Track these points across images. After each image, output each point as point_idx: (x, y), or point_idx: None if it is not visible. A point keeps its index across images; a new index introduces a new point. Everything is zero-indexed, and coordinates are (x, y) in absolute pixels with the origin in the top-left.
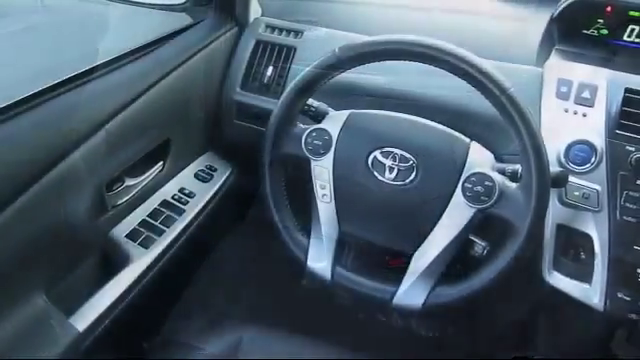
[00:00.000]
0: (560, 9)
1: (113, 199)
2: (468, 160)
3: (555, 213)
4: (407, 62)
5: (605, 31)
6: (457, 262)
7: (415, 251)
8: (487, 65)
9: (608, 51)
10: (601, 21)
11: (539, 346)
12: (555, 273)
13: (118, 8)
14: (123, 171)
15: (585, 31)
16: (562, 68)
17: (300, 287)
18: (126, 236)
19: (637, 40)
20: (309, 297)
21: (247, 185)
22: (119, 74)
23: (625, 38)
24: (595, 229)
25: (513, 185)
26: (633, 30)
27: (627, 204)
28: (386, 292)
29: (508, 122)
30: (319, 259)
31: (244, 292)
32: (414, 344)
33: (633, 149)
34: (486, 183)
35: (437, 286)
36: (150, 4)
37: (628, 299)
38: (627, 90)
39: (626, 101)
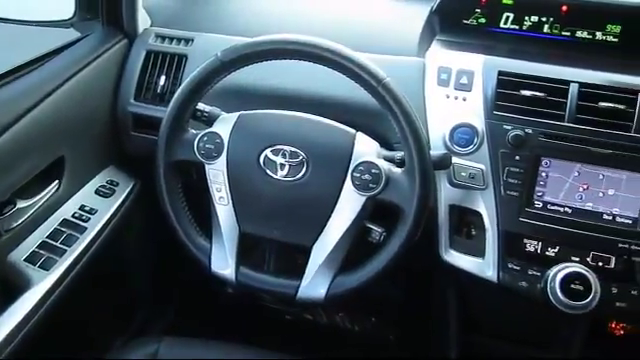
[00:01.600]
0: (438, 1)
1: (6, 223)
2: (354, 150)
3: (446, 194)
4: (297, 61)
5: (483, 20)
6: (357, 250)
7: (314, 244)
8: (362, 58)
9: (487, 38)
10: (479, 11)
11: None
12: (451, 251)
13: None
14: (13, 193)
15: (465, 21)
16: (442, 57)
17: (225, 294)
18: (25, 260)
19: (512, 26)
20: (234, 303)
21: (152, 196)
22: (2, 92)
23: (501, 25)
24: (484, 206)
25: (399, 171)
26: (508, 17)
27: (509, 179)
28: (290, 287)
29: (387, 110)
30: (223, 262)
31: (162, 303)
32: (342, 340)
33: (510, 127)
34: (373, 171)
35: (338, 276)
36: (36, 21)
37: (518, 268)
38: (500, 73)
39: (500, 83)
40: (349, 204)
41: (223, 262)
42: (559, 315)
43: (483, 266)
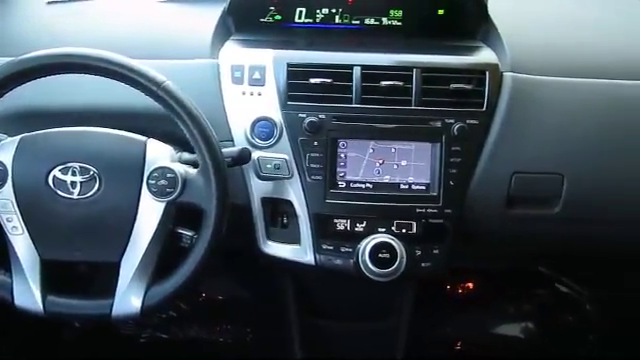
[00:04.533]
0: (230, 2)
1: None
2: (147, 158)
3: (257, 188)
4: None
5: (278, 17)
6: (170, 257)
7: (121, 258)
8: (138, 64)
9: (285, 34)
10: (272, 8)
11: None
12: (269, 242)
13: None
14: None
15: (262, 19)
16: (234, 55)
17: (71, 327)
18: None
19: (306, 20)
20: (82, 335)
21: None
22: None
23: (296, 20)
24: (293, 194)
25: (194, 172)
26: (301, 12)
27: (311, 165)
28: (104, 307)
29: (172, 113)
30: (27, 294)
31: None
32: (201, 353)
33: (305, 115)
34: (168, 175)
35: (151, 286)
36: None
37: (331, 248)
38: (289, 65)
39: (290, 75)
40: (150, 212)
41: (27, 294)
42: (375, 284)
43: (300, 252)
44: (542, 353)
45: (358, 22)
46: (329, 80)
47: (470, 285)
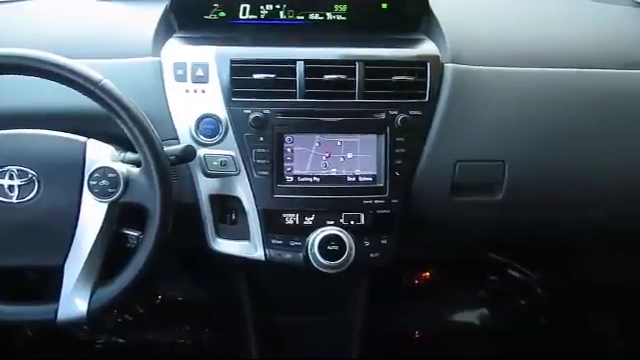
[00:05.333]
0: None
1: None
2: (87, 158)
3: (204, 185)
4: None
5: (223, 13)
6: (116, 259)
7: (65, 262)
8: (74, 63)
9: (230, 31)
10: (217, 5)
11: None
12: (218, 239)
13: None
14: None
15: (206, 16)
16: (176, 53)
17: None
18: None
19: (251, 17)
20: (35, 344)
21: None
22: None
23: (241, 16)
24: (241, 190)
25: (137, 171)
26: (245, 8)
27: (258, 160)
28: (48, 312)
29: (111, 113)
30: None
31: None
32: (159, 356)
33: (250, 111)
34: (110, 175)
35: (97, 289)
36: None
37: (281, 242)
38: (232, 61)
39: (233, 71)
40: (92, 214)
41: None
42: (325, 277)
43: (250, 248)
44: (496, 337)
45: (303, 17)
46: (273, 75)
47: (424, 275)
